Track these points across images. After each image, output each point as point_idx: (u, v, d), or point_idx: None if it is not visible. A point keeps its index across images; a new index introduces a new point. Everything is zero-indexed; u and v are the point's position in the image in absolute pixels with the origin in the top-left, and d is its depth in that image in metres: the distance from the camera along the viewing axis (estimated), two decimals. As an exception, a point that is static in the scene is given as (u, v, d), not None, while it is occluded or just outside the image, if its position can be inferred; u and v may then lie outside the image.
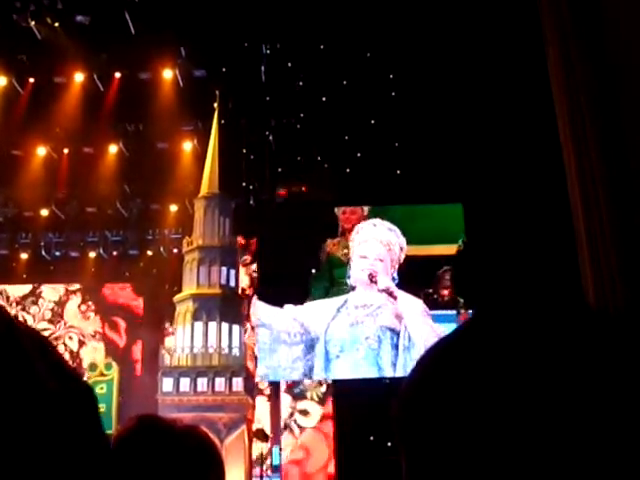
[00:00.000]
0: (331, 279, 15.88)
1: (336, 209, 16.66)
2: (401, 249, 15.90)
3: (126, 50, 19.04)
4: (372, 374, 15.19)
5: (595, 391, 0.64)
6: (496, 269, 14.78)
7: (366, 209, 16.46)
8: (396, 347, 15.09)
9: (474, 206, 15.86)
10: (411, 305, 15.35)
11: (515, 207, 14.77)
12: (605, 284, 5.82)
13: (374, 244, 15.90)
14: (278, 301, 15.75)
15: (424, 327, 15.06)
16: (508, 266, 14.45)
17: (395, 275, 15.75)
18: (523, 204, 14.65)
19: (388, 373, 15.04)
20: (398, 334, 15.18)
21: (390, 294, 15.40)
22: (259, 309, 16.12)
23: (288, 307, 15.55)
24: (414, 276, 15.61)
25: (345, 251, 16.09)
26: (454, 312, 15.57)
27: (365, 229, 16.13)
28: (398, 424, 0.74)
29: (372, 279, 15.56)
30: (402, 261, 15.85)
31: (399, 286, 15.65)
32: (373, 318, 15.37)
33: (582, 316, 0.72)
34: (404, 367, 14.85)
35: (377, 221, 16.22)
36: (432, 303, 15.59)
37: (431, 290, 15.69)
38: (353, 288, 15.75)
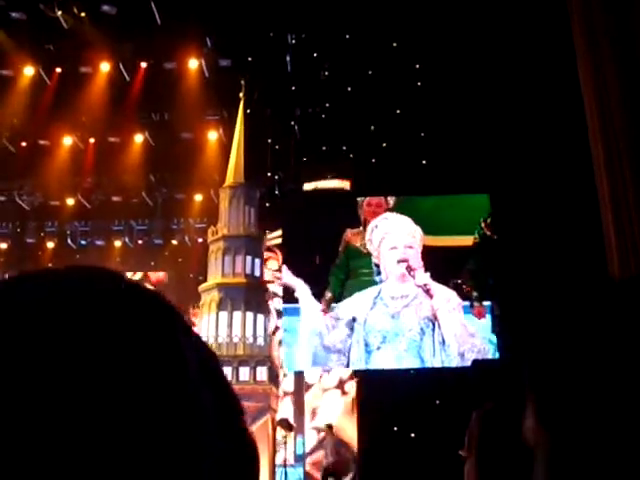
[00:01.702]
0: (348, 270, 15.81)
1: (360, 200, 16.55)
2: (420, 235, 15.88)
3: (152, 40, 19.06)
4: (415, 365, 15.18)
5: None
6: (522, 259, 14.70)
7: (391, 202, 16.34)
8: (434, 339, 15.09)
9: (501, 196, 15.76)
10: (445, 301, 15.28)
11: (542, 197, 14.67)
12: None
13: (399, 234, 15.85)
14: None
15: (456, 324, 15.00)
16: (534, 256, 14.36)
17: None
18: (550, 194, 14.55)
19: (430, 364, 15.03)
20: (435, 326, 15.18)
21: (427, 292, 15.34)
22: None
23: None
24: (443, 267, 15.55)
25: (364, 242, 16.00)
26: (466, 303, 15.48)
27: (381, 224, 16.04)
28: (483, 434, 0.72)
29: (410, 272, 15.48)
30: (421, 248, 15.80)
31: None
32: (414, 309, 15.32)
33: None
34: (441, 359, 14.86)
35: (388, 215, 16.14)
36: (461, 294, 15.52)
37: (460, 281, 15.61)
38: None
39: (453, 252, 15.64)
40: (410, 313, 15.33)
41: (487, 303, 15.42)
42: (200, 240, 25.12)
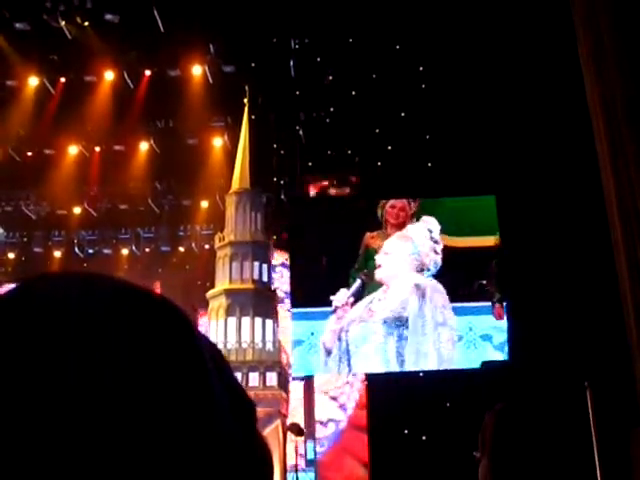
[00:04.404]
0: (368, 272, 15.79)
1: (382, 202, 16.41)
2: (435, 241, 15.67)
3: (155, 47, 19.11)
4: (382, 369, 15.11)
5: None
6: (530, 261, 14.68)
7: (414, 205, 16.23)
8: (401, 338, 14.97)
9: (507, 198, 15.73)
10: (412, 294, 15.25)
11: (548, 198, 14.65)
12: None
13: (391, 240, 15.82)
14: (311, 298, 15.66)
15: (425, 318, 14.98)
16: (542, 258, 14.34)
17: (432, 266, 15.54)
18: (556, 196, 14.53)
19: (393, 366, 14.93)
20: (402, 325, 15.06)
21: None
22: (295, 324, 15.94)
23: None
24: (467, 268, 15.50)
25: (382, 244, 15.94)
26: (488, 304, 15.41)
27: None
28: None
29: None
30: (438, 252, 15.63)
31: (435, 276, 15.51)
32: (378, 311, 15.30)
33: None
34: (410, 360, 14.79)
35: (409, 226, 16.08)
36: (485, 295, 15.45)
37: (485, 282, 15.55)
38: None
39: (476, 253, 15.56)
40: (375, 315, 15.29)
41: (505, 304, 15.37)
42: (207, 247, 25.13)
